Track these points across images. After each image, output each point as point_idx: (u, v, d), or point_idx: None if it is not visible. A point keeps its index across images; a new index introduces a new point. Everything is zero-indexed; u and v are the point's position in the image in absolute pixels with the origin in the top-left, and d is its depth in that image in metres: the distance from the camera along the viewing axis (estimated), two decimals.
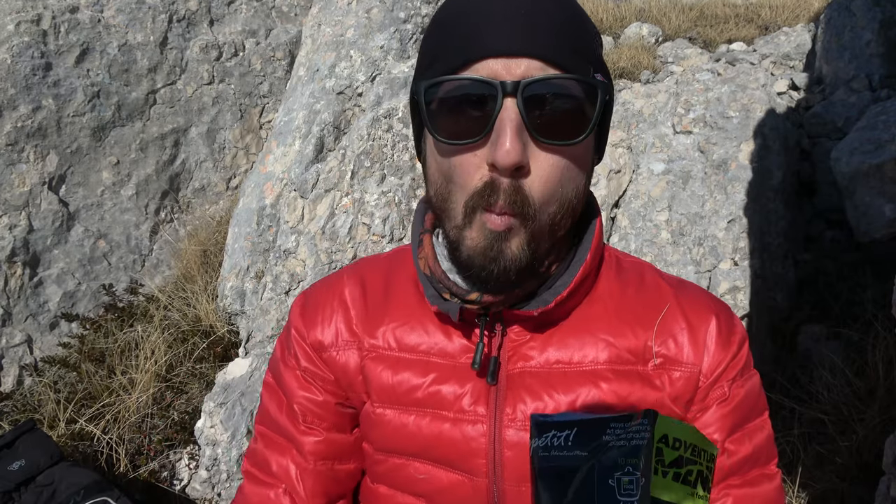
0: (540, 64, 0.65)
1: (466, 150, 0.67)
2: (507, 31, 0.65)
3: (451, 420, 0.77)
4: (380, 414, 0.81)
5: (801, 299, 3.08)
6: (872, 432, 2.32)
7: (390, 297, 0.84)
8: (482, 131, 0.65)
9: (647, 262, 0.90)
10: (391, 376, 0.80)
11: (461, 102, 0.66)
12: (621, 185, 3.12)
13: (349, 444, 0.87)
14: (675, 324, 0.79)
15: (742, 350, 0.80)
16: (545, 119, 0.65)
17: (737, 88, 3.26)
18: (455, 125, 0.67)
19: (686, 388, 0.77)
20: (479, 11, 0.67)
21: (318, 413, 0.85)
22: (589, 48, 0.70)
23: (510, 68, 0.64)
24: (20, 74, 3.37)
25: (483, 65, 0.65)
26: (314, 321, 0.86)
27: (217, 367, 2.98)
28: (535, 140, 0.66)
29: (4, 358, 3.21)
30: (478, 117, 0.65)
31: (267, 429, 0.89)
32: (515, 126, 0.64)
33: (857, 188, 3.02)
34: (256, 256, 3.11)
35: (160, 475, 2.67)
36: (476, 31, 0.66)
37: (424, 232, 0.81)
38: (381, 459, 0.83)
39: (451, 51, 0.67)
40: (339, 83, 3.21)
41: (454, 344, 0.79)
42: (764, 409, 0.82)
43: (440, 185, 0.73)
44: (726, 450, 0.77)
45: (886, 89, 3.87)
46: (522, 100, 0.64)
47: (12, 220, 3.31)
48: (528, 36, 0.65)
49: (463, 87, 0.66)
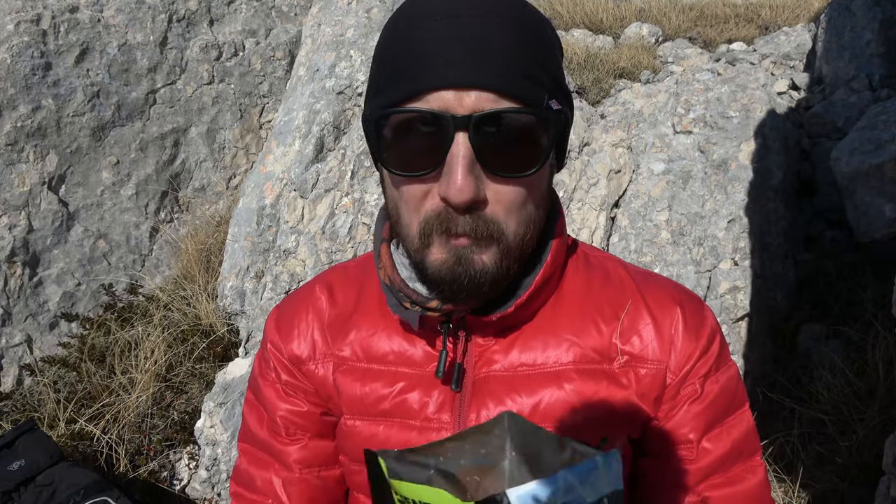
0: (491, 95, 0.62)
1: (418, 182, 0.66)
2: (458, 60, 0.62)
3: (418, 429, 0.77)
4: (350, 426, 0.81)
5: (801, 299, 3.08)
6: (872, 432, 2.32)
7: (358, 306, 0.84)
8: (433, 165, 0.63)
9: (614, 256, 0.88)
10: (359, 388, 0.80)
11: (412, 135, 0.64)
12: (621, 184, 3.12)
13: (332, 450, 0.86)
14: (640, 319, 0.78)
15: (713, 343, 0.79)
16: (498, 153, 0.63)
17: (737, 88, 3.26)
18: (406, 158, 0.65)
19: (653, 385, 0.76)
20: (429, 36, 0.63)
21: (301, 424, 0.85)
22: (544, 71, 0.66)
23: (461, 100, 0.62)
24: (20, 74, 3.37)
25: (435, 96, 0.62)
26: (290, 335, 0.85)
27: (217, 367, 2.98)
28: (488, 174, 0.64)
29: (4, 358, 3.21)
30: (429, 151, 0.63)
31: (249, 445, 0.89)
32: (467, 162, 0.62)
33: (857, 188, 3.02)
34: (256, 256, 3.11)
35: (160, 475, 2.67)
36: (426, 59, 0.63)
37: (382, 241, 0.79)
38: (356, 470, 0.83)
39: (402, 78, 0.64)
40: (339, 83, 3.21)
41: (420, 352, 0.79)
42: (743, 401, 0.81)
43: (392, 208, 0.72)
44: (704, 449, 0.76)
45: (886, 89, 3.86)
46: (474, 134, 0.61)
47: (12, 220, 3.31)
48: (479, 65, 0.62)
49: (413, 120, 0.63)
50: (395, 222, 0.72)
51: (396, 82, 0.65)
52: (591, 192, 3.02)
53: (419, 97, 0.63)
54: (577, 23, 5.36)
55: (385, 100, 0.65)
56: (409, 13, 0.67)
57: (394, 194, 0.70)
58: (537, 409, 0.74)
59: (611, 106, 3.53)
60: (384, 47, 0.69)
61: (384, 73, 0.67)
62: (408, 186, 0.67)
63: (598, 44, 4.96)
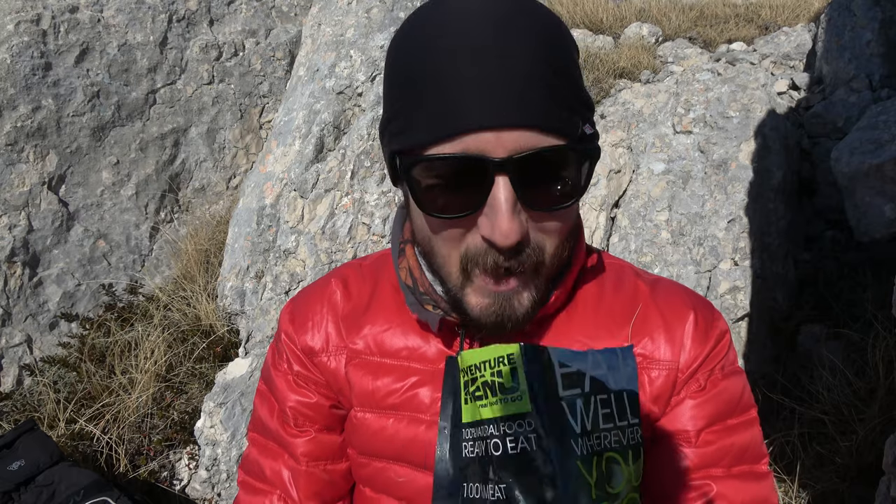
0: (531, 134, 0.60)
1: (456, 224, 0.65)
2: (499, 101, 0.59)
3: (427, 423, 0.78)
4: (360, 418, 0.82)
5: (801, 299, 3.07)
6: (872, 432, 2.32)
7: (373, 302, 0.85)
8: (473, 207, 0.62)
9: (626, 262, 0.90)
10: (371, 381, 0.81)
11: (448, 178, 0.62)
12: (621, 185, 3.12)
13: (340, 444, 0.87)
14: (652, 322, 0.79)
15: (721, 343, 0.80)
16: (539, 191, 0.63)
17: (737, 88, 3.26)
18: (443, 201, 0.64)
19: (665, 387, 0.77)
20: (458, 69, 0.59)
21: (309, 415, 0.86)
22: (576, 95, 0.65)
23: (501, 140, 0.59)
24: (20, 74, 3.37)
25: (472, 137, 0.59)
26: (304, 327, 0.86)
27: (217, 367, 2.98)
28: (529, 211, 0.64)
29: (4, 358, 3.21)
30: (468, 194, 0.62)
31: (259, 435, 0.90)
32: (511, 205, 0.61)
33: (857, 188, 3.02)
34: (256, 256, 3.11)
35: (160, 475, 2.67)
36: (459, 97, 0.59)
37: (405, 242, 0.79)
38: (364, 463, 0.84)
39: (433, 118, 0.61)
40: (339, 83, 3.20)
41: (433, 349, 0.80)
42: (749, 406, 0.81)
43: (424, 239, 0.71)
44: (703, 440, 0.77)
45: (886, 89, 3.86)
46: (515, 175, 0.60)
47: (12, 220, 3.31)
48: (522, 105, 0.59)
49: (451, 164, 0.61)
50: (428, 252, 0.71)
51: (427, 119, 0.62)
52: (591, 192, 3.02)
53: (454, 139, 0.60)
54: (577, 23, 5.36)
55: (415, 139, 0.63)
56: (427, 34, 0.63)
57: (424, 227, 0.69)
58: None
59: (611, 106, 3.53)
60: (404, 72, 0.65)
61: (409, 104, 0.64)
62: (447, 227, 0.66)
63: (598, 44, 4.96)
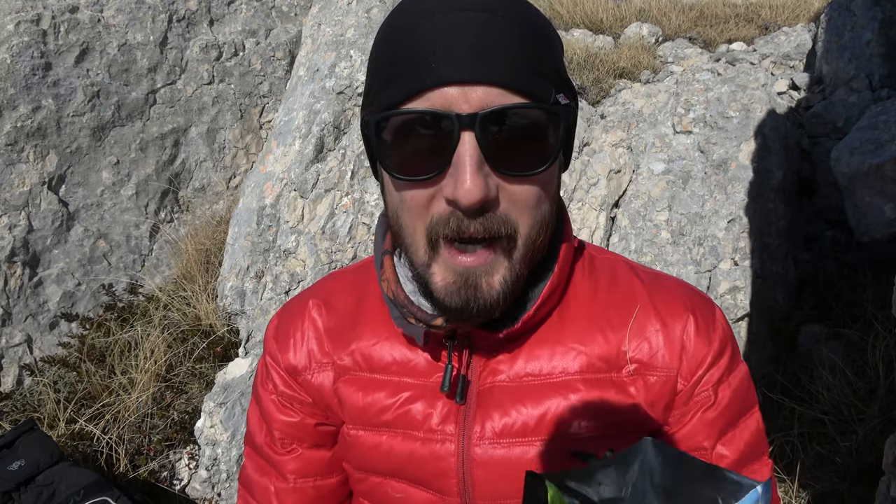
0: (499, 91, 0.59)
1: (423, 186, 0.63)
2: (462, 55, 0.58)
3: (422, 440, 0.76)
4: (354, 435, 0.80)
5: (801, 299, 3.07)
6: (872, 432, 2.32)
7: (359, 315, 0.82)
8: (439, 168, 0.60)
9: (622, 256, 0.86)
10: (362, 398, 0.79)
11: (414, 136, 0.61)
12: (621, 184, 3.12)
13: (329, 460, 0.86)
14: (649, 325, 0.76)
15: (725, 347, 0.77)
16: (507, 151, 0.60)
17: (737, 88, 3.26)
18: (409, 161, 0.62)
19: (662, 393, 0.75)
20: (429, 31, 0.60)
21: (296, 435, 0.85)
22: (551, 67, 0.64)
23: (467, 96, 0.58)
24: (20, 74, 3.37)
25: (437, 93, 0.59)
26: (286, 345, 0.85)
27: (217, 367, 2.98)
28: (497, 173, 0.61)
29: (4, 358, 3.21)
30: (433, 152, 0.60)
31: (252, 450, 0.90)
32: (475, 161, 0.59)
33: (857, 188, 3.02)
34: (256, 256, 3.11)
35: (160, 475, 2.67)
36: (427, 55, 0.59)
37: (385, 253, 0.77)
38: (361, 478, 0.83)
39: (403, 77, 0.61)
40: (339, 83, 3.20)
41: (423, 361, 0.77)
42: (754, 402, 0.80)
43: (394, 216, 0.69)
44: (718, 454, 0.76)
45: (886, 89, 3.86)
46: (481, 132, 0.58)
47: (12, 220, 3.31)
48: (486, 60, 0.58)
49: (414, 121, 0.60)
50: (397, 232, 0.69)
51: (395, 81, 0.62)
52: (591, 192, 3.02)
53: (420, 95, 0.60)
54: (577, 23, 5.36)
55: (384, 101, 0.63)
56: (405, 11, 0.64)
57: (395, 201, 0.67)
58: (543, 420, 0.73)
59: (611, 106, 3.53)
60: (380, 48, 0.66)
61: (382, 74, 0.64)
62: (411, 191, 0.64)
63: (598, 44, 4.96)
